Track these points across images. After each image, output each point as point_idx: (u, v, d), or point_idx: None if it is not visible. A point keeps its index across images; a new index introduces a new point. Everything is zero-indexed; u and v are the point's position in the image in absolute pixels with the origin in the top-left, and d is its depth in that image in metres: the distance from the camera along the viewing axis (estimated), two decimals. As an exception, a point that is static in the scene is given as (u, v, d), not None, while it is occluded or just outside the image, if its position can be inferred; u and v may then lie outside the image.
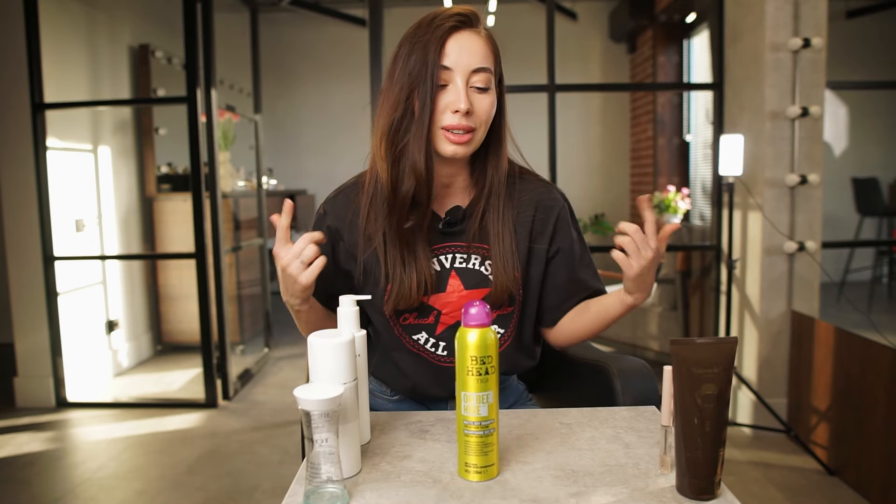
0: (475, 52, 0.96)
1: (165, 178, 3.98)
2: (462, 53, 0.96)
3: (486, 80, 0.97)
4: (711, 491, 0.70)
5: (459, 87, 0.95)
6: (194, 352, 3.62)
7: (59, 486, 2.24)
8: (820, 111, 2.45)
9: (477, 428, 0.74)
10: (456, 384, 0.76)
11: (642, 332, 3.63)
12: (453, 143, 0.97)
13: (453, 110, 0.96)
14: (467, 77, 0.96)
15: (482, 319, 0.74)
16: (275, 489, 2.19)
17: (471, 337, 0.74)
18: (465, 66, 0.96)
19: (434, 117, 0.97)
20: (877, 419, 2.03)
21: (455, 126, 0.96)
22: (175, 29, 3.14)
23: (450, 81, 0.96)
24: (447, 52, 0.95)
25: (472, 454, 0.74)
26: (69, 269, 3.11)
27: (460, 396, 0.75)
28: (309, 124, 5.75)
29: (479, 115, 0.97)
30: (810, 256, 2.50)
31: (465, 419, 0.75)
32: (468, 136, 0.97)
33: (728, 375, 0.70)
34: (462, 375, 0.74)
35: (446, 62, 0.95)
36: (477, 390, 0.74)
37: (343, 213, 1.06)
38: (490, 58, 0.98)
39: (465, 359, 0.74)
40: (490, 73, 0.97)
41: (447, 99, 0.96)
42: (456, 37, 0.96)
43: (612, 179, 5.72)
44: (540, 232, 1.07)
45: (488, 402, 0.74)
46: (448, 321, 1.05)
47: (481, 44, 0.97)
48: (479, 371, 0.73)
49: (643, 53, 5.13)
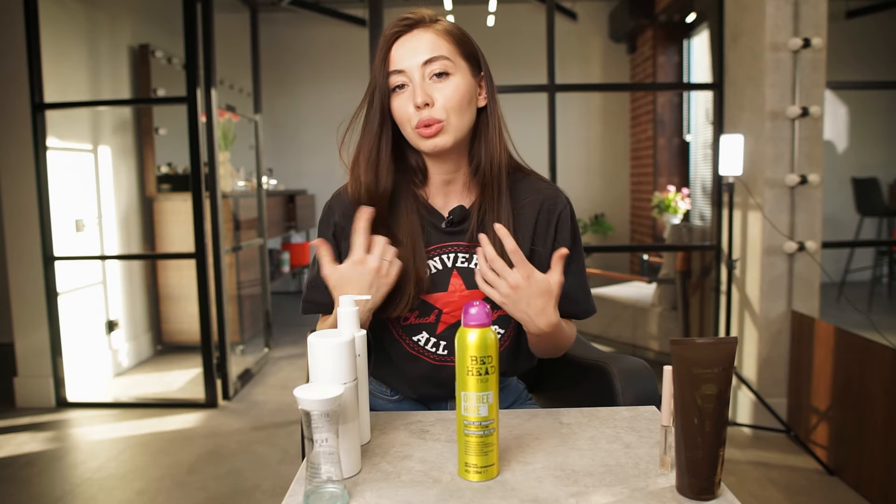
0: (422, 47, 0.97)
1: (165, 178, 3.98)
2: (407, 53, 0.97)
3: (442, 67, 0.97)
4: (711, 491, 0.70)
5: (415, 83, 0.96)
6: (194, 352, 3.62)
7: (59, 486, 2.24)
8: (820, 111, 2.45)
9: (477, 428, 0.74)
10: (456, 384, 0.76)
11: (642, 332, 3.63)
12: (426, 136, 0.97)
13: (414, 107, 0.96)
14: (421, 71, 0.96)
15: (482, 319, 0.74)
16: (275, 489, 2.19)
17: (471, 337, 0.73)
18: (415, 63, 0.96)
19: (402, 121, 0.99)
20: (877, 419, 2.03)
21: (421, 121, 0.96)
22: (175, 29, 3.14)
23: (407, 83, 0.97)
24: (393, 59, 0.97)
25: (473, 454, 0.74)
26: (69, 269, 3.11)
27: (460, 396, 0.75)
28: (309, 124, 5.75)
29: (443, 103, 0.97)
30: (810, 256, 2.50)
31: (466, 419, 0.75)
32: (437, 126, 0.97)
33: (728, 375, 0.70)
34: (462, 375, 0.74)
35: (395, 67, 0.97)
36: (477, 390, 0.74)
37: (349, 212, 1.05)
38: (445, 46, 0.98)
39: (465, 359, 0.74)
40: (447, 60, 0.97)
41: (406, 99, 0.98)
42: (401, 41, 0.98)
43: (612, 179, 5.72)
44: (542, 234, 1.06)
45: (488, 402, 0.74)
46: (449, 320, 1.05)
47: (430, 37, 0.98)
48: (479, 371, 0.73)
49: (643, 53, 5.13)
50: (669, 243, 3.53)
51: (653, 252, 4.48)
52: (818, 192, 2.50)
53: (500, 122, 1.05)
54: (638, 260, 5.27)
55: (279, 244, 5.63)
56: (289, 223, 5.10)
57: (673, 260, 3.43)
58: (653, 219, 4.85)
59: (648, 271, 4.53)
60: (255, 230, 4.05)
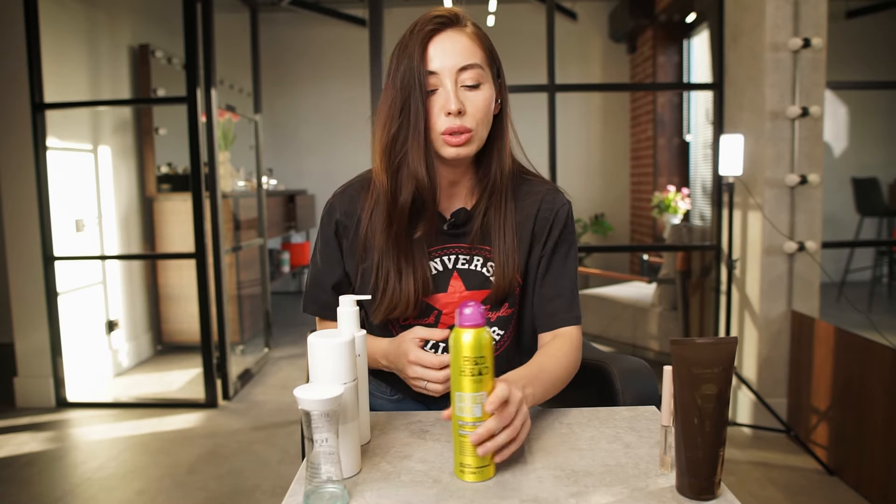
0: (459, 51, 0.95)
1: (165, 178, 3.98)
2: (446, 55, 0.95)
3: (476, 77, 0.96)
4: (711, 491, 0.70)
5: (449, 89, 0.95)
6: (194, 352, 3.62)
7: (59, 486, 2.24)
8: (820, 111, 2.45)
9: (472, 428, 0.74)
10: (451, 385, 0.76)
11: (642, 332, 3.63)
12: (453, 145, 0.96)
13: (446, 113, 0.95)
14: (455, 77, 0.95)
15: (476, 320, 0.74)
16: (275, 489, 2.19)
17: (465, 338, 0.73)
18: (450, 67, 0.95)
19: (430, 123, 0.96)
20: (877, 419, 2.03)
21: (451, 129, 0.95)
22: (175, 29, 3.14)
23: (439, 85, 0.96)
24: (430, 57, 0.95)
25: (468, 454, 0.74)
26: (69, 269, 3.11)
27: (455, 397, 0.75)
28: (309, 124, 5.75)
29: (473, 113, 0.96)
30: (810, 256, 2.50)
31: (461, 419, 0.75)
32: (466, 135, 0.96)
33: (728, 375, 0.70)
34: (456, 376, 0.75)
35: (431, 66, 0.95)
36: (472, 391, 0.74)
37: (350, 210, 1.06)
38: (478, 53, 0.97)
39: (459, 359, 0.74)
40: (480, 69, 0.96)
41: (438, 103, 0.96)
42: (437, 39, 0.96)
43: (612, 179, 5.72)
44: (539, 232, 1.07)
45: (482, 403, 0.74)
46: (449, 321, 1.05)
47: (466, 41, 0.96)
48: (472, 372, 0.73)
49: (643, 53, 5.13)
50: (669, 243, 3.53)
51: (653, 252, 4.48)
52: (818, 192, 2.50)
53: (513, 131, 1.05)
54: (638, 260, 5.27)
55: (279, 244, 5.63)
56: (289, 223, 5.10)
57: (673, 260, 3.43)
58: (653, 219, 4.85)
59: (648, 271, 4.53)
60: (255, 230, 4.05)
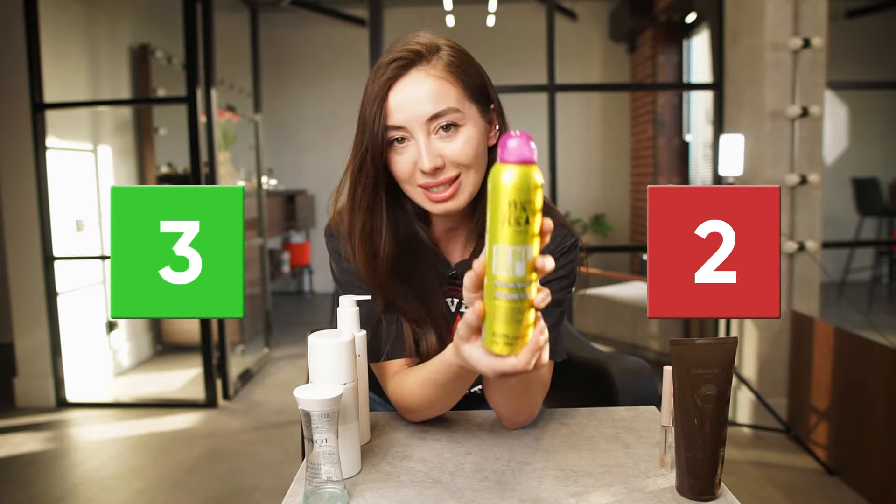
0: (426, 97, 0.83)
1: (165, 178, 3.97)
2: (407, 105, 0.83)
3: (451, 118, 0.84)
4: (711, 491, 0.70)
5: (420, 144, 0.83)
6: (194, 352, 3.61)
7: (59, 486, 2.24)
8: (820, 111, 2.45)
9: (510, 291, 0.59)
10: (487, 235, 0.60)
11: (642, 332, 3.63)
12: (437, 201, 0.86)
13: (420, 170, 0.85)
14: (426, 127, 0.84)
15: (524, 154, 0.58)
16: (275, 489, 2.19)
17: (507, 176, 0.58)
18: (418, 118, 0.83)
19: (402, 179, 0.87)
20: (877, 419, 2.03)
21: (430, 184, 0.85)
22: (175, 29, 3.14)
23: (408, 137, 0.85)
24: (392, 109, 0.84)
25: (501, 321, 0.61)
26: (69, 269, 3.11)
27: (492, 250, 0.60)
28: (309, 124, 5.75)
29: (456, 161, 0.85)
30: (810, 256, 2.50)
31: (497, 279, 0.60)
32: (452, 188, 0.86)
33: (728, 375, 0.70)
34: (495, 224, 0.59)
35: (395, 121, 0.84)
36: (512, 243, 0.58)
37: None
38: (452, 92, 0.84)
39: (498, 204, 0.58)
40: (454, 112, 0.84)
41: (409, 157, 0.85)
42: (400, 86, 0.84)
43: (612, 179, 5.72)
44: None
45: (526, 259, 0.59)
46: None
47: (432, 84, 0.83)
48: (517, 220, 0.58)
49: (643, 53, 5.13)
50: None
51: (653, 252, 4.47)
52: (818, 192, 2.50)
53: None
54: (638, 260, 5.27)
55: (279, 244, 5.63)
56: (289, 223, 5.10)
57: (673, 260, 3.43)
58: (653, 219, 4.84)
59: (648, 271, 4.52)
60: (254, 230, 4.05)
